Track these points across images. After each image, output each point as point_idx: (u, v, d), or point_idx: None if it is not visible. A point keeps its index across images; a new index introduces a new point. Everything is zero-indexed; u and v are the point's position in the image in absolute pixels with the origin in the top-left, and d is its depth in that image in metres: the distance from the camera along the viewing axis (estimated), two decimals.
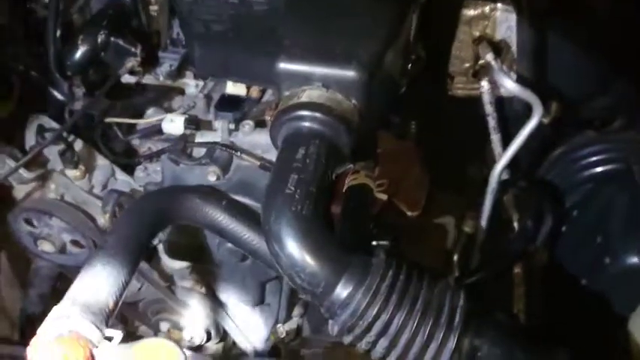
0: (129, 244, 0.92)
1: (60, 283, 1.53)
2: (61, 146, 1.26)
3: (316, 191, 0.87)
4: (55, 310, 0.86)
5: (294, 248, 0.83)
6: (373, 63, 0.96)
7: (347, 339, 0.85)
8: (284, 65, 0.96)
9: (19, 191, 1.35)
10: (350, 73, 0.94)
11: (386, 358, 0.83)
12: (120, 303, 0.88)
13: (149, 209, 1.01)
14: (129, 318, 1.61)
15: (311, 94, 0.95)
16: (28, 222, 1.33)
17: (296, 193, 0.86)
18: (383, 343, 0.82)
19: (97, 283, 0.87)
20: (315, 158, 0.89)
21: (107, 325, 0.86)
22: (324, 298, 0.83)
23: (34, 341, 0.82)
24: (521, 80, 1.33)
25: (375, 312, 0.81)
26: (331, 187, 1.15)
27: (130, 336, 1.59)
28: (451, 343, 0.80)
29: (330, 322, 0.86)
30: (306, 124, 0.92)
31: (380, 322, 0.81)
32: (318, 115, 0.92)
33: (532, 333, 0.90)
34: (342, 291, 0.82)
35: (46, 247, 1.34)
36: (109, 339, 0.85)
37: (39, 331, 0.84)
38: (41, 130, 1.30)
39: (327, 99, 0.94)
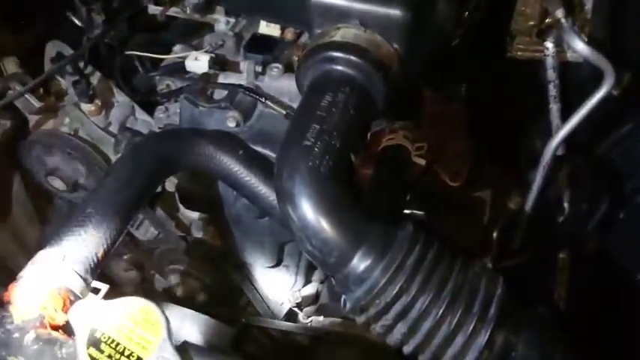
0: (126, 189, 0.82)
1: None
2: (76, 77, 1.17)
3: (340, 146, 0.76)
4: (40, 255, 0.78)
5: (306, 209, 0.72)
6: (421, 2, 0.83)
7: (360, 319, 0.74)
8: None
9: (32, 122, 1.27)
10: (393, 12, 0.82)
11: (404, 346, 0.72)
12: (111, 252, 0.79)
13: (154, 152, 0.91)
14: (145, 265, 1.55)
15: (346, 33, 0.83)
16: (40, 155, 1.26)
17: (315, 146, 0.74)
18: (401, 328, 0.71)
19: (87, 230, 0.78)
20: (342, 107, 0.78)
21: (94, 276, 0.77)
22: (337, 269, 0.72)
23: (12, 286, 0.74)
24: (592, 43, 1.17)
25: (395, 292, 0.70)
26: (364, 144, 1.03)
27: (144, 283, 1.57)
28: (482, 338, 0.68)
29: (343, 297, 0.75)
30: (337, 67, 0.81)
31: (399, 304, 0.70)
32: (351, 57, 0.80)
33: (577, 336, 0.76)
34: (358, 264, 0.71)
35: (56, 183, 1.27)
36: (96, 291, 0.76)
37: (19, 275, 0.76)
38: (59, 57, 1.21)
39: (363, 40, 0.82)
